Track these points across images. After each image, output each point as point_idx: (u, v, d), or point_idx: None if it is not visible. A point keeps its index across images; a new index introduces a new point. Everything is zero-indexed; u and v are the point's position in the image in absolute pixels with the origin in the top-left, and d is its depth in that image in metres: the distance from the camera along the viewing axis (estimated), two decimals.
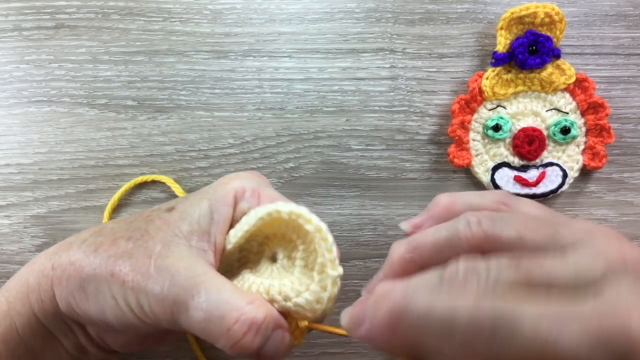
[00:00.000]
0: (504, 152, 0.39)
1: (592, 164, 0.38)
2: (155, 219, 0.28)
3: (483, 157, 0.39)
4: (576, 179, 0.39)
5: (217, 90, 0.39)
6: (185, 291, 0.24)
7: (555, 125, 0.38)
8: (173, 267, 0.25)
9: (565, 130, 0.38)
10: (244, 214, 0.29)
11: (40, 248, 0.38)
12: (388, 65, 0.39)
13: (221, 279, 0.26)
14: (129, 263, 0.26)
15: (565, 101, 0.38)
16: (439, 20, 0.39)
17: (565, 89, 0.38)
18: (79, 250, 0.27)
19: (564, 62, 0.38)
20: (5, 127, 0.38)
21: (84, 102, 0.38)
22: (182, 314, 0.24)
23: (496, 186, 0.38)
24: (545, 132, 0.38)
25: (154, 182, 0.38)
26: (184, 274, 0.25)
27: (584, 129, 0.39)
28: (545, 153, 0.38)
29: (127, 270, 0.25)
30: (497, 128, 0.38)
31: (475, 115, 0.39)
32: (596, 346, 0.17)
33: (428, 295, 0.19)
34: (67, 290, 0.27)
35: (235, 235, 0.28)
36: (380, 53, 0.39)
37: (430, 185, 0.39)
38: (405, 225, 0.26)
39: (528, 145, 0.38)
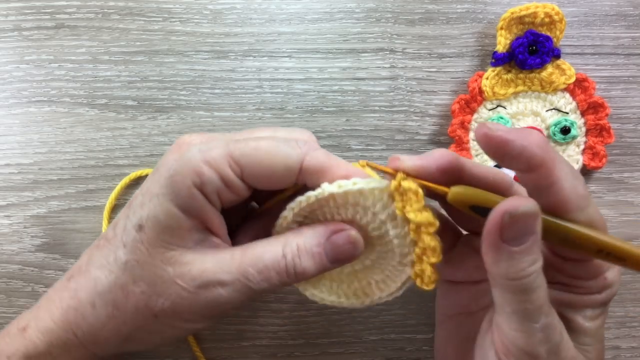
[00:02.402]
0: None
1: (592, 164, 0.38)
2: (137, 251, 0.27)
3: (483, 157, 0.39)
4: None
5: (217, 90, 0.39)
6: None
7: (555, 125, 0.38)
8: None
9: (565, 130, 0.38)
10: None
11: (40, 248, 0.38)
12: (388, 65, 0.39)
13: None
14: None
15: (565, 101, 0.38)
16: (439, 20, 0.39)
17: (565, 89, 0.38)
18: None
19: (564, 62, 0.38)
20: (5, 127, 0.38)
21: (84, 102, 0.38)
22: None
23: None
24: (545, 132, 0.38)
25: None
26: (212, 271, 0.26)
27: (584, 129, 0.39)
28: None
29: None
30: None
31: (475, 115, 0.39)
32: None
33: None
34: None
35: (293, 208, 0.27)
36: (380, 53, 0.39)
37: None
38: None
39: None
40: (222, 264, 0.26)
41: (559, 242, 0.25)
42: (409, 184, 0.25)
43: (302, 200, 0.27)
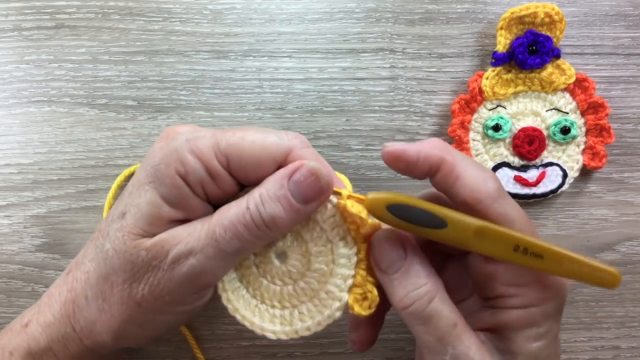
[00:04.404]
0: (504, 152, 0.39)
1: (592, 164, 0.38)
2: (116, 240, 0.27)
3: (483, 157, 0.39)
4: (576, 179, 0.39)
5: (217, 90, 0.39)
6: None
7: (555, 125, 0.38)
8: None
9: (565, 130, 0.38)
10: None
11: (40, 248, 0.38)
12: (388, 65, 0.39)
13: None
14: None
15: (565, 101, 0.38)
16: (439, 20, 0.39)
17: (565, 89, 0.38)
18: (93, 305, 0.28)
19: (564, 62, 0.38)
20: (5, 127, 0.38)
21: (84, 102, 0.38)
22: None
23: None
24: (545, 132, 0.38)
25: None
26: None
27: (584, 129, 0.39)
28: (545, 153, 0.38)
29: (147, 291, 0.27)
30: (497, 128, 0.38)
31: (475, 115, 0.39)
32: None
33: None
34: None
35: None
36: (380, 53, 0.39)
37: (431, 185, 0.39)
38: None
39: (528, 145, 0.38)
40: (193, 233, 0.26)
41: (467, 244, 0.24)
42: (354, 207, 0.25)
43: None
